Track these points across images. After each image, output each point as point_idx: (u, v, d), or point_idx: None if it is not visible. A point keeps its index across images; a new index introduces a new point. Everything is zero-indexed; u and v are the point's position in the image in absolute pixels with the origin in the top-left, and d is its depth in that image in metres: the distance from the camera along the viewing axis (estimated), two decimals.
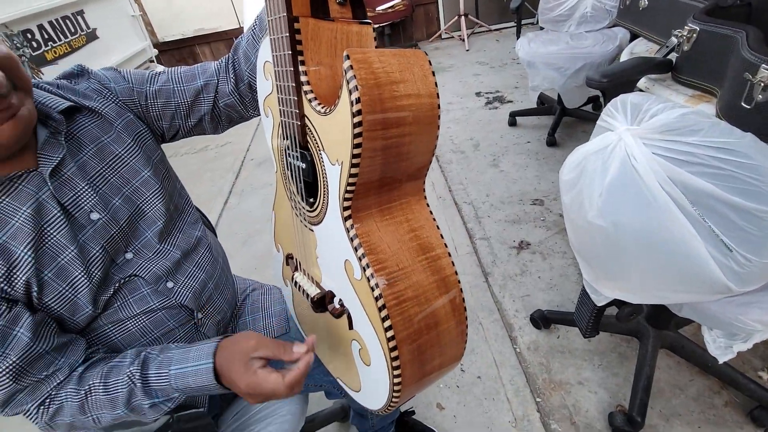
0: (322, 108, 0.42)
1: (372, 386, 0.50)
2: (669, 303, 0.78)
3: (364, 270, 0.43)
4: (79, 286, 0.52)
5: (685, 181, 0.63)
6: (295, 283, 0.60)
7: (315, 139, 0.45)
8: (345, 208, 0.44)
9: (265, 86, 0.55)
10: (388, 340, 0.43)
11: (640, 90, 1.00)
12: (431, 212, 0.49)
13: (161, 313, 0.60)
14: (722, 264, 0.63)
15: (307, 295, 0.55)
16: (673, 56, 0.98)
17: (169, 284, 0.61)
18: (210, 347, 0.53)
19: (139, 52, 2.98)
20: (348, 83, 0.37)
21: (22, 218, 0.49)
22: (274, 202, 0.67)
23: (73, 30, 2.28)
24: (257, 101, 0.61)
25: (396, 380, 0.44)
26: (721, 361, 0.81)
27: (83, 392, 0.52)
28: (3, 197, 0.48)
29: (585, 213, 0.73)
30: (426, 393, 1.16)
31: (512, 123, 2.43)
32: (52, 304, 0.51)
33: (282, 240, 0.67)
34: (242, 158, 2.72)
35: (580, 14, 2.11)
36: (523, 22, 3.84)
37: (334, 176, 0.43)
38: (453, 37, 4.12)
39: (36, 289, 0.49)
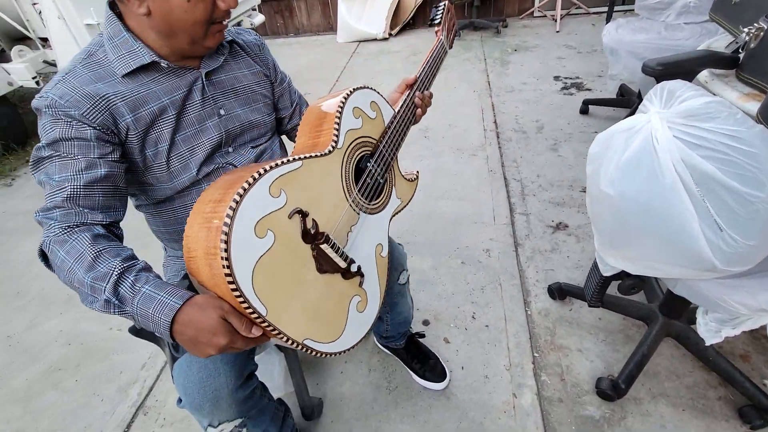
0: (405, 174, 0.89)
1: (354, 328, 0.69)
2: (663, 276, 0.85)
3: (388, 252, 0.80)
4: (196, 152, 0.75)
5: (694, 164, 0.70)
6: (331, 245, 0.66)
7: (393, 176, 0.85)
8: (392, 217, 0.83)
9: (353, 123, 0.77)
10: (385, 291, 0.78)
11: (700, 82, 1.01)
12: None
13: None
14: (712, 242, 0.70)
15: (343, 254, 0.69)
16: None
17: None
18: (183, 294, 0.57)
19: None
20: (417, 183, 0.92)
21: (180, 94, 0.73)
22: (311, 162, 0.67)
23: None
24: None
25: (376, 316, 0.75)
26: (708, 343, 0.87)
27: (89, 245, 0.60)
28: (175, 78, 0.73)
29: (599, 182, 0.82)
30: (436, 327, 1.33)
31: (584, 111, 2.38)
32: (173, 161, 0.74)
33: (310, 201, 0.65)
34: None
35: (682, 3, 1.97)
36: (624, 8, 3.59)
37: (395, 201, 0.85)
38: (545, 16, 3.94)
39: (168, 144, 0.72)
